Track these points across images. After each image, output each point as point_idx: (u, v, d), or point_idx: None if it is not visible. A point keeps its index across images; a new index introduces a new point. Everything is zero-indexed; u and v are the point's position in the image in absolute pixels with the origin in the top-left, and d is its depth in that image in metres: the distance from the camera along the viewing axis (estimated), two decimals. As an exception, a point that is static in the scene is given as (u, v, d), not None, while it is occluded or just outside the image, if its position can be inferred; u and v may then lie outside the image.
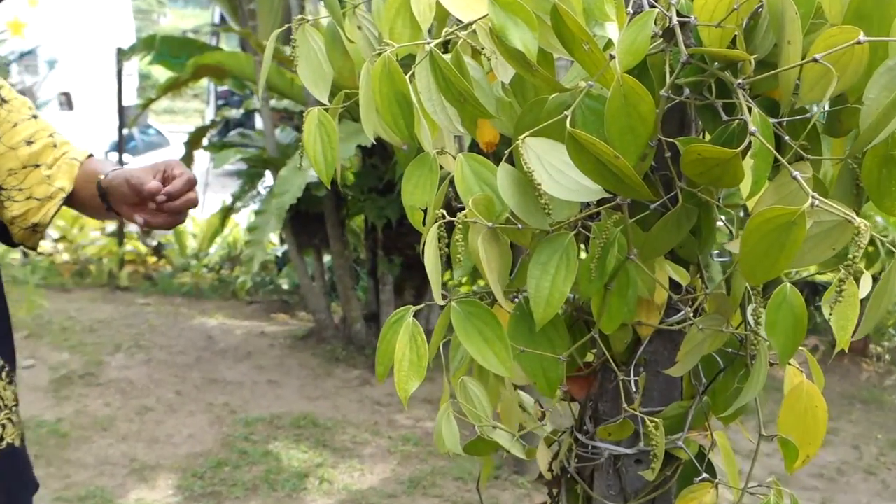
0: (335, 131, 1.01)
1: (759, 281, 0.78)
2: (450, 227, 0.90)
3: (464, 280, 5.95)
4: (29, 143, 1.47)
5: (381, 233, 5.79)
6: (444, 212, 0.92)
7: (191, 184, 1.34)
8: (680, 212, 0.92)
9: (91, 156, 1.53)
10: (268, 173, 6.61)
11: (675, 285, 1.02)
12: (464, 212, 0.89)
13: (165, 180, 1.35)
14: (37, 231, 1.50)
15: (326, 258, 6.78)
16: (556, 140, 0.85)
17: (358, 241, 6.87)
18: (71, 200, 1.50)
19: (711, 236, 1.00)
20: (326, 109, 1.03)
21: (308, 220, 5.99)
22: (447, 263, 0.96)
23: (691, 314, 1.01)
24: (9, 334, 1.51)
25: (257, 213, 5.35)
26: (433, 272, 0.88)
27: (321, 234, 6.04)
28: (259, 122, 8.69)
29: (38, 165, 1.47)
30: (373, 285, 6.09)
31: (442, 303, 0.92)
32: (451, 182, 0.97)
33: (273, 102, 6.20)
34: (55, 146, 1.50)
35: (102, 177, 1.43)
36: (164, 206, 1.33)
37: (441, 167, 1.00)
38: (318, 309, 6.06)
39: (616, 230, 0.91)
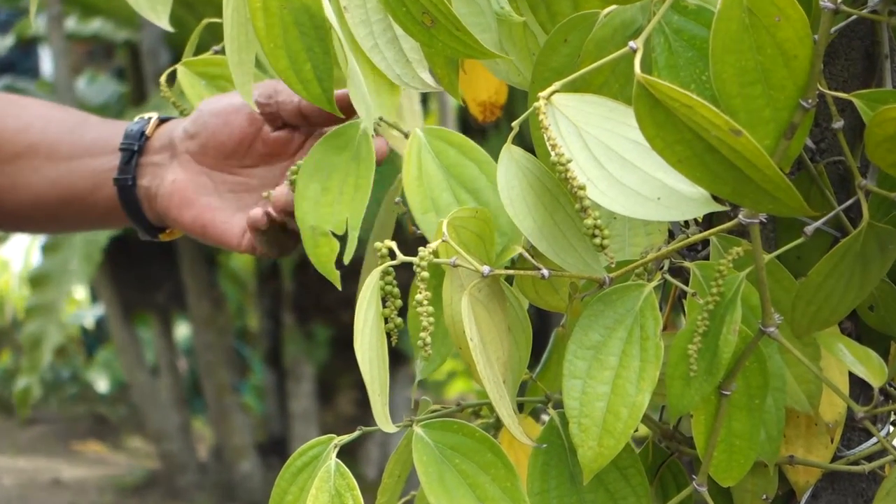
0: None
1: None
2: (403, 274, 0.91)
3: (448, 370, 5.97)
4: None
5: (292, 279, 5.81)
6: (394, 245, 0.92)
7: None
8: (866, 239, 0.93)
9: None
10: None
11: (858, 385, 1.02)
12: (429, 246, 0.89)
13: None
14: None
15: (182, 331, 6.77)
16: (613, 98, 0.86)
17: (244, 297, 6.88)
18: None
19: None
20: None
21: (144, 258, 6.00)
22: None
23: (893, 443, 1.01)
24: None
25: (46, 248, 5.35)
26: (372, 367, 0.89)
27: (170, 286, 6.06)
28: (46, 62, 8.74)
29: None
30: (274, 383, 6.11)
31: (393, 428, 0.92)
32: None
33: (72, 25, 6.23)
34: None
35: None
36: None
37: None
38: (167, 432, 6.07)
39: (739, 277, 0.91)
